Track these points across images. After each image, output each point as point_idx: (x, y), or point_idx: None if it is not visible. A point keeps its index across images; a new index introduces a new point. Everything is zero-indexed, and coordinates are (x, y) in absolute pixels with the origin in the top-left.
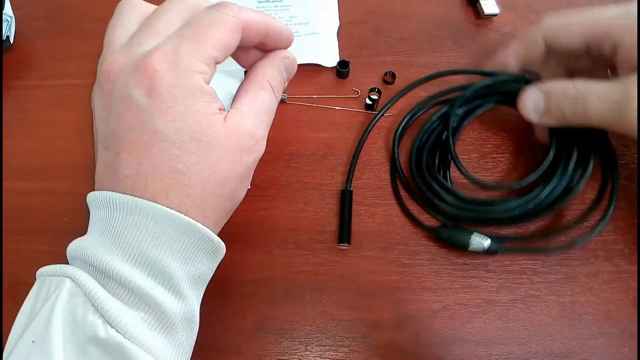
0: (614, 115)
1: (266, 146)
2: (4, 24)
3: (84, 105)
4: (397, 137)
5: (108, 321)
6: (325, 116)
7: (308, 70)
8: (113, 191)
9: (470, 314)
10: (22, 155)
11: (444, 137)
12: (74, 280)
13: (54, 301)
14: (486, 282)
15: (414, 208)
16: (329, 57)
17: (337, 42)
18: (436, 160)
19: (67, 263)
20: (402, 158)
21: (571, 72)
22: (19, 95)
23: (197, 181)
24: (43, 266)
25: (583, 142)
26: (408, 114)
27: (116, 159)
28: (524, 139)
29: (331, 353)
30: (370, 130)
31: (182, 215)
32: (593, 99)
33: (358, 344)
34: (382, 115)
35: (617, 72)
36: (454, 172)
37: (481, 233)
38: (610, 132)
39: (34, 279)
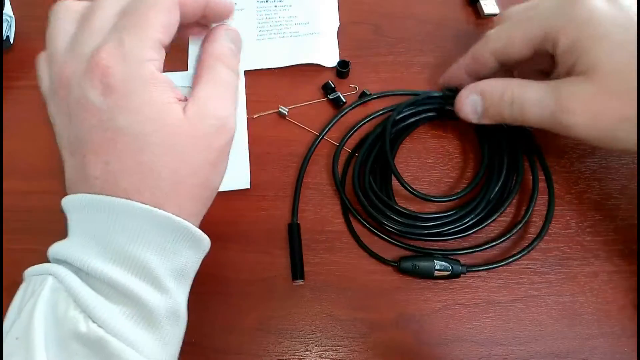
0: (549, 121)
1: (266, 146)
2: (4, 24)
3: None
4: (336, 161)
5: (89, 316)
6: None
7: (308, 70)
8: (86, 193)
9: (470, 314)
10: (22, 155)
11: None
12: (55, 277)
13: (37, 298)
14: (486, 282)
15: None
16: (329, 57)
17: (337, 42)
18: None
19: None
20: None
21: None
22: (19, 95)
23: (167, 173)
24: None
25: (512, 145)
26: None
27: (83, 162)
28: (458, 150)
29: (331, 353)
30: (310, 157)
31: (155, 209)
32: (529, 105)
33: (358, 344)
34: (322, 138)
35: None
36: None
37: (442, 258)
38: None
39: None
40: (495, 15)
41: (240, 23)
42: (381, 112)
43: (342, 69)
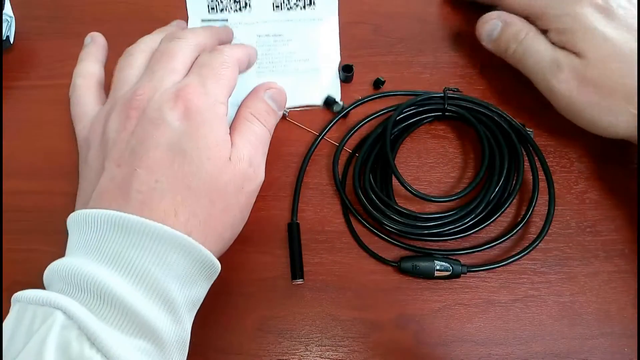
0: (537, 76)
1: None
2: (4, 24)
3: None
4: (336, 161)
5: (106, 355)
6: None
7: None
8: (114, 209)
9: (470, 314)
10: (22, 155)
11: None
12: (64, 312)
13: (45, 336)
14: (486, 282)
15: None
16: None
17: (339, 81)
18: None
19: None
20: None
21: None
22: (19, 95)
23: (205, 202)
24: (44, 269)
25: (512, 145)
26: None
27: (132, 175)
28: (459, 150)
29: (331, 353)
30: (310, 157)
31: (188, 237)
32: (530, 52)
33: (358, 344)
34: (322, 138)
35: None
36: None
37: (442, 259)
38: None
39: (34, 279)
40: None
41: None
42: (381, 112)
43: (347, 73)
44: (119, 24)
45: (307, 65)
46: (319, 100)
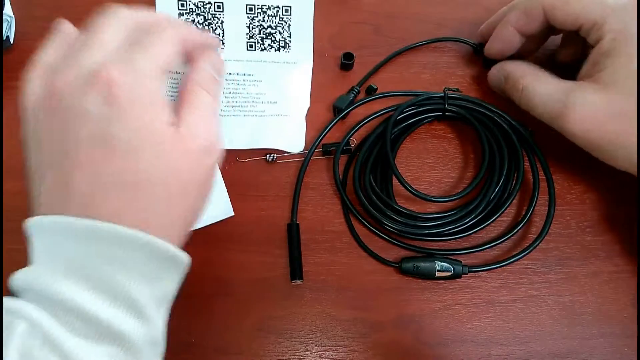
0: (550, 119)
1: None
2: (4, 24)
3: None
4: (336, 161)
5: None
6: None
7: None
8: (63, 214)
9: (470, 314)
10: (22, 155)
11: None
12: (27, 320)
13: (6, 343)
14: (486, 282)
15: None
16: (296, 143)
17: (305, 126)
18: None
19: None
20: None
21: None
22: (19, 96)
23: (160, 190)
24: None
25: (512, 145)
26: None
27: (67, 178)
28: (459, 150)
29: (331, 353)
30: (310, 157)
31: (143, 234)
32: (537, 99)
33: (358, 344)
34: (320, 141)
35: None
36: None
37: (443, 259)
38: None
39: None
40: None
41: None
42: (382, 112)
43: (347, 61)
44: None
45: (275, 109)
46: (283, 146)
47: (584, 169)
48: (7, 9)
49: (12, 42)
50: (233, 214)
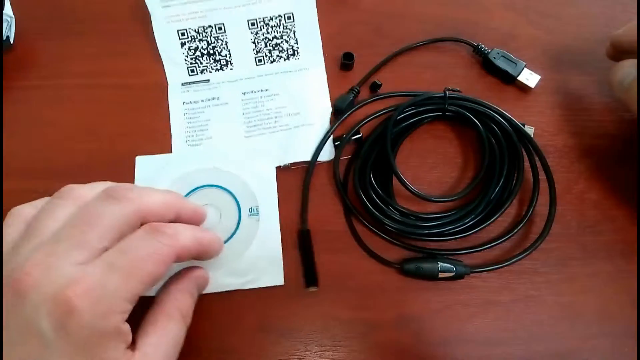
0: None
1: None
2: (4, 24)
3: (84, 105)
4: (337, 161)
5: None
6: None
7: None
8: None
9: (470, 314)
10: (22, 155)
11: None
12: None
13: None
14: (486, 282)
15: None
16: (325, 150)
17: (331, 134)
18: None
19: None
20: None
21: None
22: (19, 95)
23: None
24: None
25: (513, 145)
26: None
27: None
28: (459, 150)
29: (331, 353)
30: (316, 160)
31: None
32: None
33: (358, 344)
34: (324, 144)
35: None
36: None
37: (445, 260)
38: None
39: None
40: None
41: (225, 118)
42: (382, 113)
43: (347, 61)
44: (119, 23)
45: (298, 120)
46: (310, 156)
47: (584, 169)
48: (7, 9)
49: (12, 42)
50: (283, 283)
